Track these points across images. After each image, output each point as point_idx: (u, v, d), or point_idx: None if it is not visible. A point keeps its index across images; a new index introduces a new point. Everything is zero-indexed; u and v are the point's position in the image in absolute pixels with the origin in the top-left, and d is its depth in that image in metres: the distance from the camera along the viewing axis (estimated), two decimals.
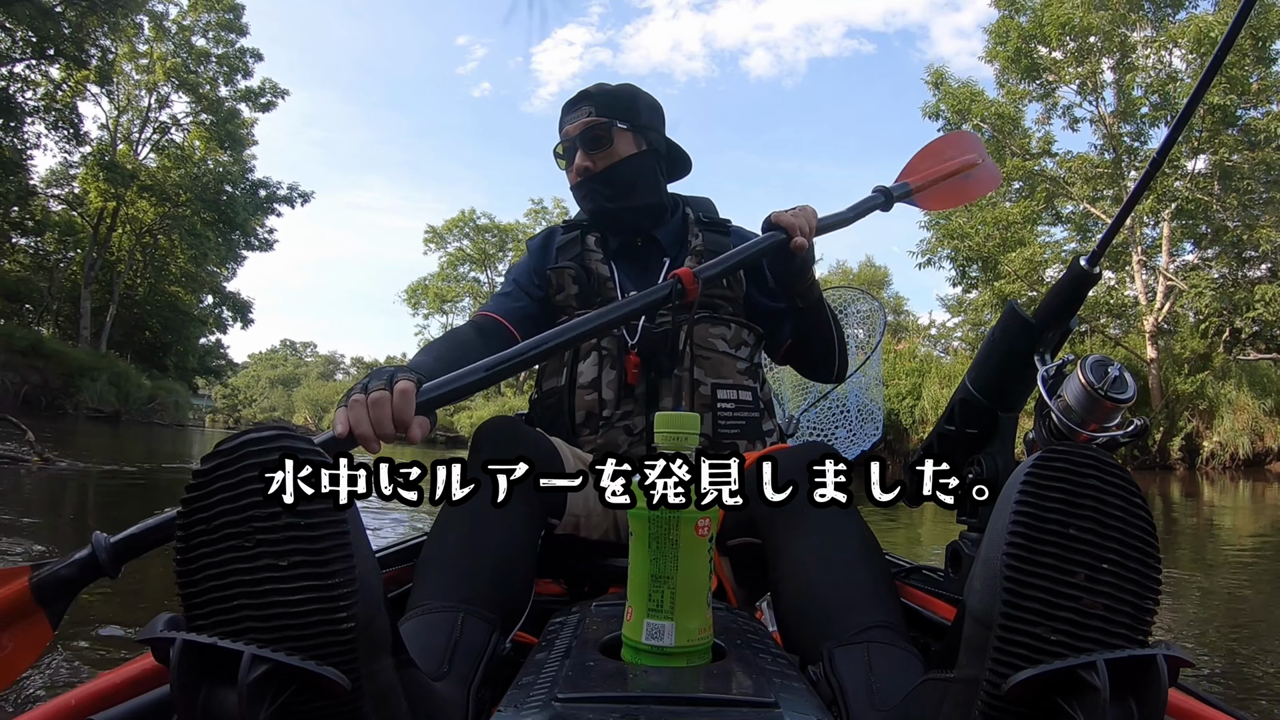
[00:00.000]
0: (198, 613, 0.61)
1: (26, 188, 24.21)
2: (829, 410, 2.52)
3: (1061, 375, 0.97)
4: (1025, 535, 0.63)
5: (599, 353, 1.50)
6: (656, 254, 1.61)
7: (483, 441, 1.21)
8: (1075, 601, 0.61)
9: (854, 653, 0.88)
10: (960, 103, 19.59)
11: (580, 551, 1.35)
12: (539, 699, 0.67)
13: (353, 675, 0.61)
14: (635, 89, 1.63)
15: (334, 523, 0.63)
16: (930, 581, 1.27)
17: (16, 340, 20.03)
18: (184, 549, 0.62)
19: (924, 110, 20.33)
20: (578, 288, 1.58)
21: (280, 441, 0.64)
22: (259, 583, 0.60)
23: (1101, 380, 0.92)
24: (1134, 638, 0.61)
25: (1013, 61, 19.57)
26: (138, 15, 24.74)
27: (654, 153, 1.61)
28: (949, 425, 1.11)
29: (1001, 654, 0.61)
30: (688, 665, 0.76)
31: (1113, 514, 0.63)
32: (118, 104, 27.01)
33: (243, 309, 33.12)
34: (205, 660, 0.57)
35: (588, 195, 1.60)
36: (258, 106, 29.04)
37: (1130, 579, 0.62)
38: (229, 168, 29.05)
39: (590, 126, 1.55)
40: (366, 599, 0.65)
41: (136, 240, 28.22)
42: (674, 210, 1.68)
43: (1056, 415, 0.95)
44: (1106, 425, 0.94)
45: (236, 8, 27.64)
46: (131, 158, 26.99)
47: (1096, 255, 1.00)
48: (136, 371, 25.24)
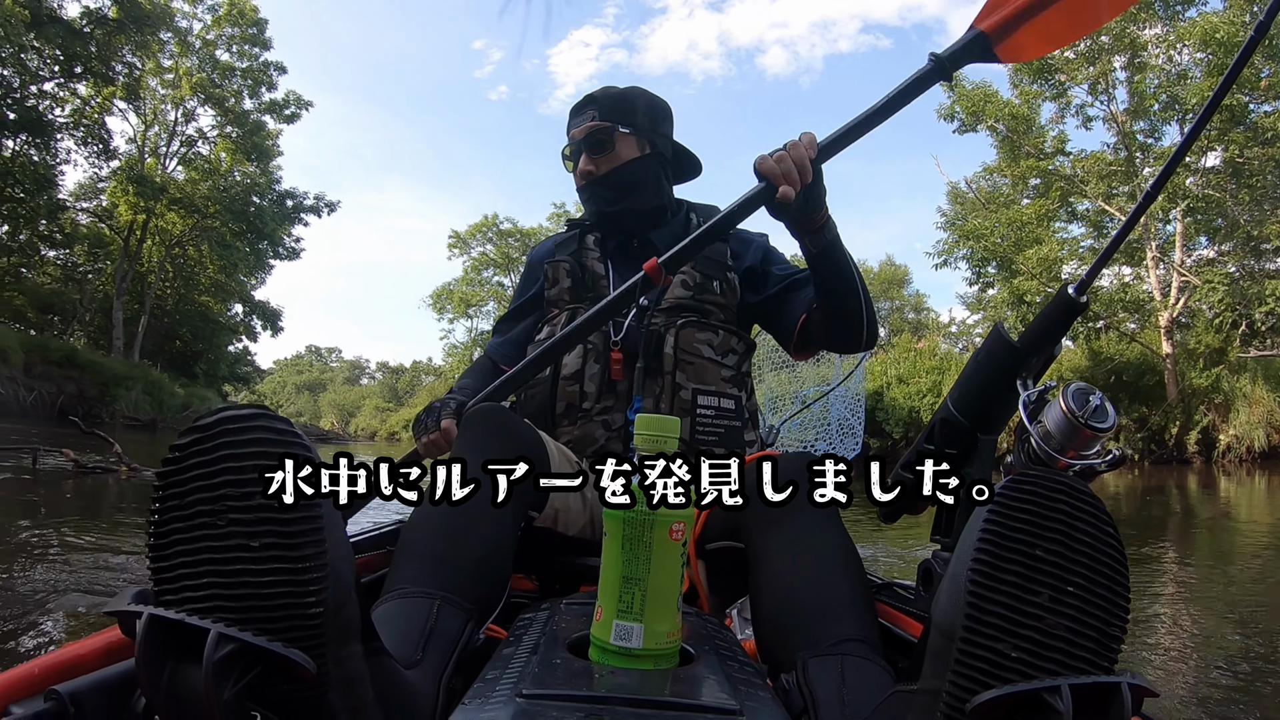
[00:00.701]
0: (166, 588, 0.61)
1: (57, 202, 25.04)
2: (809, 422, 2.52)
3: (1043, 401, 0.98)
4: (991, 552, 0.64)
5: (584, 346, 1.52)
6: (651, 255, 1.61)
7: (476, 432, 1.20)
8: (1038, 620, 0.62)
9: (828, 664, 0.88)
10: (975, 104, 19.67)
11: (555, 547, 1.36)
12: (504, 694, 0.67)
13: (320, 660, 0.61)
14: (641, 92, 1.65)
15: (307, 505, 0.63)
16: (901, 599, 1.28)
17: (52, 351, 20.61)
18: (157, 523, 0.62)
19: (939, 112, 20.43)
20: (570, 281, 1.62)
21: (257, 421, 0.64)
22: (229, 562, 0.60)
23: (1083, 408, 0.92)
24: (1099, 663, 0.62)
25: (1024, 63, 19.38)
26: (164, 32, 25.36)
27: (657, 156, 1.63)
28: (929, 444, 1.11)
29: (962, 666, 0.62)
30: (654, 668, 0.76)
31: (1081, 539, 0.64)
32: (144, 118, 27.63)
33: (273, 317, 33.67)
34: (172, 636, 0.57)
35: (591, 197, 1.64)
36: (282, 118, 29.62)
37: (1096, 604, 0.63)
38: (256, 179, 29.63)
39: (593, 130, 1.58)
40: (337, 584, 0.65)
41: (166, 251, 28.86)
42: (676, 213, 1.69)
43: (1036, 441, 0.95)
44: (1085, 453, 0.94)
45: (260, 22, 28.25)
46: (160, 172, 27.52)
47: (1085, 284, 1.00)
48: (170, 380, 26.07)
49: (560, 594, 1.26)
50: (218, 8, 27.35)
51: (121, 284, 26.83)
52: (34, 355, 19.40)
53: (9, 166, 22.67)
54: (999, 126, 19.59)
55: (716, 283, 1.57)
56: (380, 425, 60.71)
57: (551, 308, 1.65)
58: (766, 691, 0.75)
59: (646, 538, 0.76)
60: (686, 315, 1.53)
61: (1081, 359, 19.28)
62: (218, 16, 27.37)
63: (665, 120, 1.67)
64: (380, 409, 68.10)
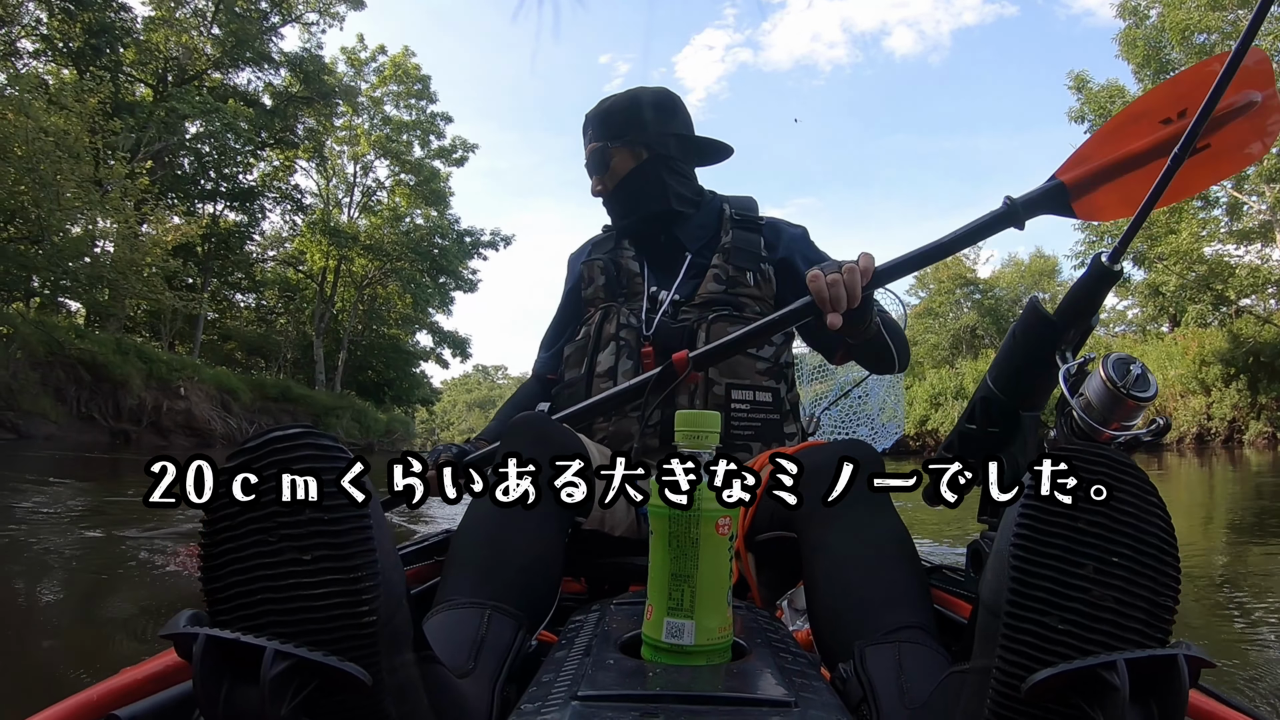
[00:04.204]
0: (221, 608, 0.62)
1: (247, 255, 29.05)
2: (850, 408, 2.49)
3: (1083, 373, 0.96)
4: (1032, 525, 0.63)
5: (617, 343, 1.53)
6: (679, 250, 1.64)
7: (519, 440, 1.20)
8: (1084, 593, 0.61)
9: (886, 651, 0.88)
10: (1102, 104, 20.09)
11: (602, 549, 1.35)
12: (559, 697, 0.67)
13: (373, 670, 0.62)
14: (632, 97, 1.66)
15: (356, 517, 0.63)
16: (951, 581, 1.26)
17: (269, 388, 23.20)
18: (209, 545, 0.63)
19: (1069, 115, 21.02)
20: (605, 279, 1.65)
21: (304, 439, 0.65)
22: (282, 577, 0.61)
23: (1123, 378, 0.91)
24: (1152, 635, 0.61)
25: (1142, 66, 20.15)
26: (350, 100, 29.47)
27: (656, 158, 1.62)
28: (970, 424, 1.10)
29: (1010, 640, 0.61)
30: (707, 664, 0.75)
31: (1125, 510, 0.63)
32: (326, 174, 30.86)
33: (461, 345, 35.76)
34: (228, 656, 0.58)
35: (608, 212, 1.71)
36: (451, 162, 32.71)
37: (1144, 575, 0.62)
38: (438, 222, 32.29)
39: (592, 153, 1.65)
40: (388, 593, 0.65)
41: (358, 292, 31.68)
42: (700, 206, 1.69)
43: (1078, 414, 0.93)
44: (1128, 424, 0.92)
45: (424, 78, 31.61)
46: (350, 222, 30.65)
47: (1117, 252, 0.99)
48: (373, 407, 29.52)
49: (609, 595, 1.26)
50: (382, 69, 31.22)
51: (320, 324, 30.00)
52: (255, 393, 21.88)
53: (226, 236, 26.81)
54: None
55: (750, 274, 1.57)
56: None
57: (588, 307, 1.67)
58: (821, 682, 0.75)
59: (693, 534, 0.76)
60: (719, 309, 1.53)
61: (1221, 341, 19.65)
62: (383, 76, 31.18)
63: (665, 118, 1.65)
64: None
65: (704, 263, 1.59)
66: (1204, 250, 20.74)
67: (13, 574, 3.37)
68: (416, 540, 1.56)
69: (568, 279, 1.81)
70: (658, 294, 1.59)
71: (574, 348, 1.63)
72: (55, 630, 2.57)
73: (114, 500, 6.26)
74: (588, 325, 1.62)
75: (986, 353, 28.16)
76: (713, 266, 1.56)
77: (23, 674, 2.11)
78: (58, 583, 3.27)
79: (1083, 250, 22.06)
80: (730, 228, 1.63)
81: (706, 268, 1.58)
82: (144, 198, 19.42)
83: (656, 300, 1.58)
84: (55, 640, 2.45)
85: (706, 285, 1.56)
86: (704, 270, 1.58)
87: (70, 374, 16.16)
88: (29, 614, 2.79)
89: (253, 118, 24.99)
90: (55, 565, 3.60)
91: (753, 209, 1.70)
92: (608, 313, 1.59)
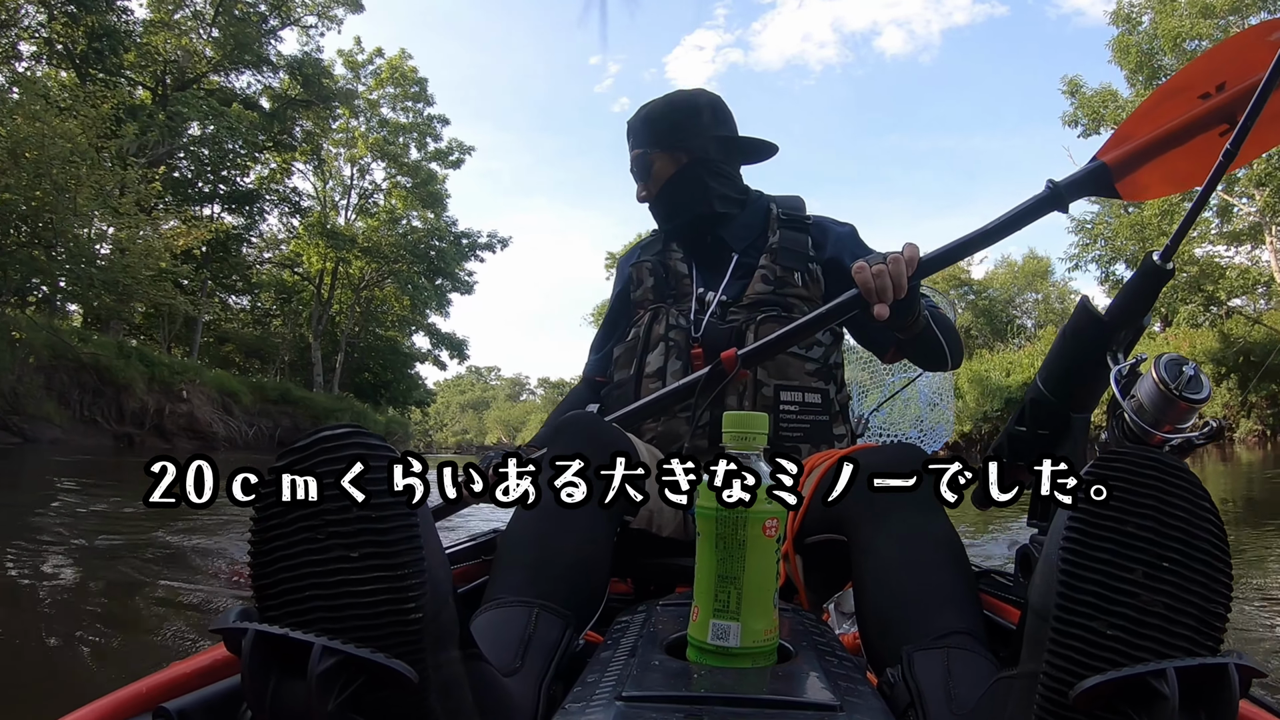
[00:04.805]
0: (270, 603, 0.62)
1: (242, 257, 28.98)
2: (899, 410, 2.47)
3: (1135, 375, 0.94)
4: (1081, 530, 0.63)
5: (665, 344, 1.54)
6: (725, 251, 1.64)
7: (569, 439, 1.19)
8: (1133, 598, 0.60)
9: (934, 657, 0.86)
10: (1095, 109, 20.78)
11: (648, 549, 1.35)
12: (604, 698, 0.66)
13: (419, 666, 0.62)
14: (670, 101, 1.67)
15: (403, 515, 0.63)
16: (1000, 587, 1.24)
17: (269, 391, 23.32)
18: (258, 542, 0.63)
19: (1063, 119, 21.60)
20: (653, 280, 1.66)
21: (353, 438, 0.65)
22: (330, 574, 0.61)
23: (1176, 380, 0.89)
24: (1202, 643, 0.60)
25: (1135, 72, 20.74)
26: (347, 103, 29.68)
27: (696, 161, 1.62)
28: (1019, 426, 1.08)
29: (1057, 645, 0.60)
30: (753, 666, 0.75)
31: (1175, 515, 0.62)
32: (322, 176, 31.01)
33: (459, 346, 35.87)
34: (276, 651, 0.58)
35: (654, 216, 1.73)
36: (448, 164, 32.90)
37: (1194, 581, 0.61)
38: (435, 224, 32.47)
39: (635, 159, 1.67)
40: (435, 590, 0.65)
41: (355, 294, 31.74)
42: (746, 206, 1.69)
43: (1130, 416, 0.92)
44: (1181, 426, 0.91)
45: (421, 81, 31.84)
46: (347, 224, 30.78)
47: (1169, 250, 0.97)
48: (371, 409, 29.68)
49: (656, 595, 1.25)
50: (379, 71, 31.20)
51: (318, 326, 30.02)
52: (255, 395, 21.98)
53: (224, 239, 26.33)
54: None
55: (798, 274, 1.56)
56: None
57: (637, 308, 1.67)
58: (867, 686, 0.74)
59: (740, 536, 0.75)
60: (767, 310, 1.52)
61: (1212, 341, 20.05)
62: (379, 78, 31.19)
63: (705, 120, 1.65)
64: None
65: (751, 263, 1.59)
66: (1195, 252, 21.35)
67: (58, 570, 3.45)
68: (465, 539, 1.55)
69: (616, 282, 1.82)
70: (705, 295, 1.59)
71: (623, 349, 1.63)
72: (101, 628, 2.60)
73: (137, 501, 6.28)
74: (637, 327, 1.62)
75: (981, 353, 28.29)
76: (760, 267, 1.56)
77: (71, 668, 2.14)
78: (103, 580, 3.32)
79: (1076, 252, 22.82)
80: (777, 227, 1.62)
81: (754, 268, 1.58)
82: (157, 202, 19.63)
83: (704, 301, 1.58)
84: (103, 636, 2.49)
85: (754, 286, 1.55)
86: (751, 271, 1.58)
87: (74, 378, 16.15)
88: (74, 610, 2.83)
89: (256, 122, 25.01)
90: (96, 561, 3.67)
91: (800, 208, 1.69)
92: (656, 314, 1.59)
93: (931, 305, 1.47)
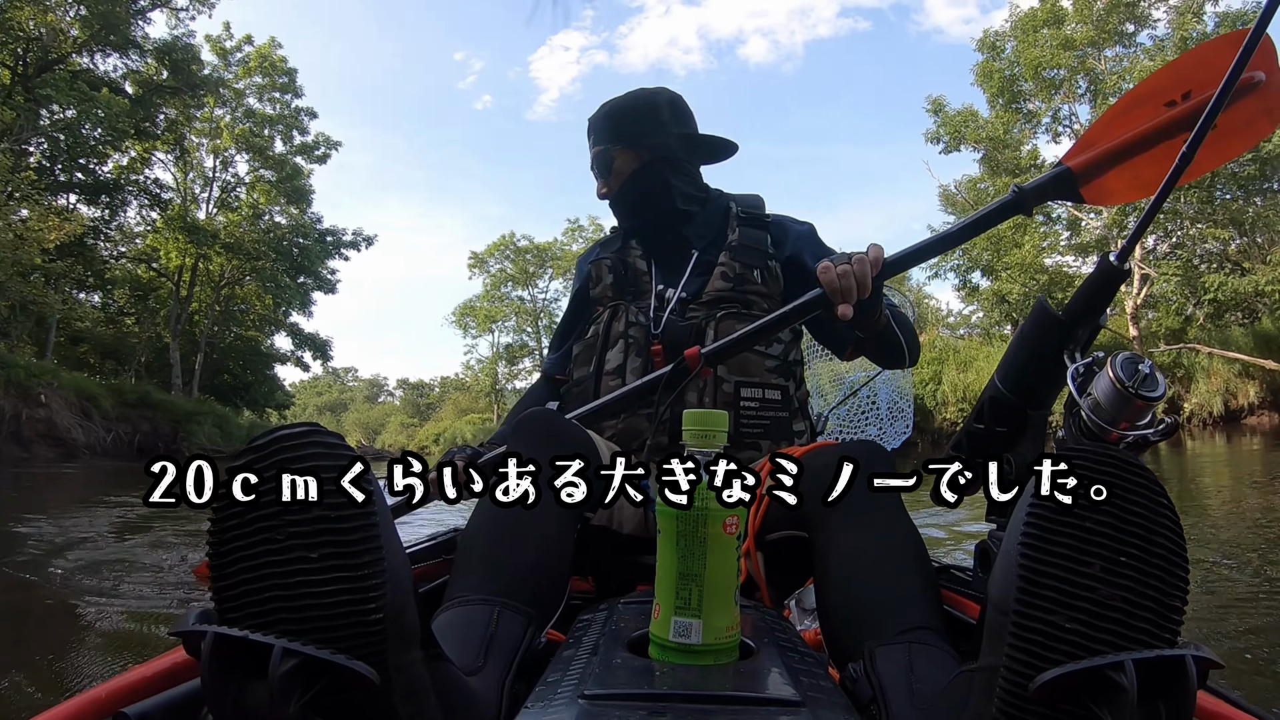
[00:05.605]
0: (229, 605, 0.61)
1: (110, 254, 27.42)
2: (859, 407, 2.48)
3: (1091, 373, 0.96)
4: (1040, 524, 0.63)
5: (625, 341, 1.53)
6: (685, 249, 1.64)
7: (529, 436, 1.20)
8: (1092, 591, 0.60)
9: (896, 652, 0.87)
10: (956, 128, 22.28)
11: (610, 546, 1.35)
12: (566, 696, 0.67)
13: (381, 667, 0.62)
14: (635, 99, 1.66)
15: (363, 514, 0.63)
16: (959, 581, 1.26)
17: (128, 394, 21.65)
18: (217, 543, 0.62)
19: (925, 136, 23.02)
20: (612, 277, 1.65)
21: (311, 437, 0.65)
22: (290, 575, 0.61)
23: (1132, 378, 0.90)
24: (1160, 635, 0.61)
25: (996, 95, 22.47)
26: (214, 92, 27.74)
27: (659, 160, 1.63)
28: (978, 424, 1.09)
29: (1017, 639, 0.61)
30: (715, 663, 0.75)
31: (1133, 510, 0.63)
32: (183, 168, 29.10)
33: (322, 347, 34.56)
34: (237, 653, 0.58)
35: (614, 213, 1.72)
36: (313, 159, 31.25)
37: (1153, 575, 0.61)
38: (299, 220, 31.13)
39: (596, 156, 1.67)
40: (396, 591, 0.65)
41: (215, 292, 30.16)
42: (706, 204, 1.69)
43: (1086, 413, 0.93)
44: (1137, 424, 0.92)
45: (290, 72, 29.92)
46: (208, 219, 29.07)
47: (1125, 251, 0.98)
48: (233, 412, 28.08)
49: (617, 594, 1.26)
50: (247, 59, 29.06)
51: (176, 325, 28.16)
52: (114, 399, 20.43)
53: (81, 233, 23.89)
54: (981, 147, 22.50)
55: (757, 271, 1.57)
56: (408, 440, 61.60)
57: (596, 305, 1.67)
58: (829, 682, 0.75)
59: (701, 533, 0.76)
60: (727, 307, 1.52)
61: None
62: (247, 67, 29.05)
63: (667, 118, 1.65)
64: (405, 425, 69.10)
65: (710, 260, 1.59)
66: (1045, 261, 22.76)
67: None
68: (425, 539, 1.55)
69: (575, 280, 1.81)
70: (665, 292, 1.59)
71: (582, 346, 1.63)
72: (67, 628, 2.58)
73: None
74: (596, 324, 1.62)
75: None
76: (720, 264, 1.56)
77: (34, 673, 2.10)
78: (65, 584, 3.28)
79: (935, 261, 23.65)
80: (737, 225, 1.63)
81: (714, 265, 1.58)
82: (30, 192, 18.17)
83: (664, 298, 1.58)
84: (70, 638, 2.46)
85: (714, 283, 1.55)
86: (711, 268, 1.58)
87: None
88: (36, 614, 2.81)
89: (128, 109, 22.89)
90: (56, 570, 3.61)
91: (759, 207, 1.70)
92: (616, 311, 1.59)
93: (890, 304, 1.48)
